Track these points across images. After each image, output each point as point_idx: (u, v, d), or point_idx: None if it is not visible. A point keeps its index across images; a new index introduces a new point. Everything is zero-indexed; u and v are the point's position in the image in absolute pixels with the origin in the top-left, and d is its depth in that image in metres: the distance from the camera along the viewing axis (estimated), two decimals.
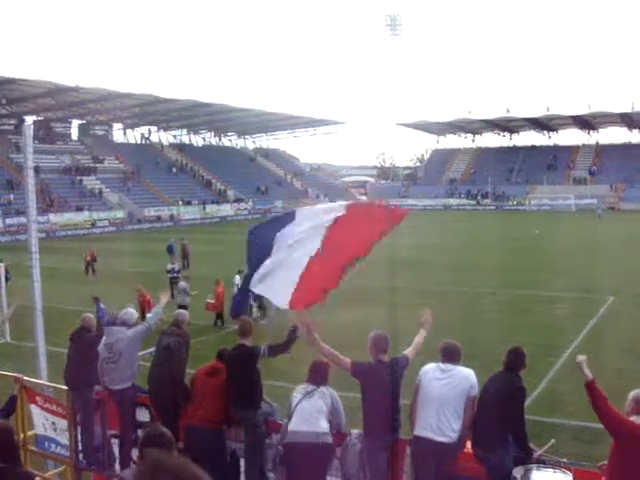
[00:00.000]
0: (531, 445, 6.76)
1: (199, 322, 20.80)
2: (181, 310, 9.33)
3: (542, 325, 21.30)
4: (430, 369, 7.13)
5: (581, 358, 6.60)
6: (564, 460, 6.70)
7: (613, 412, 6.03)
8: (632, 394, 6.22)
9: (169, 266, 30.13)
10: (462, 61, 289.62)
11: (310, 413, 7.30)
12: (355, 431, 7.41)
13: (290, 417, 7.47)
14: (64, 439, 9.56)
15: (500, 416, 6.58)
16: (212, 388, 8.06)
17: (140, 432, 8.96)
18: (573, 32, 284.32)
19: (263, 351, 8.00)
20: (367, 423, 7.19)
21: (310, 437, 7.20)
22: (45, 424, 9.78)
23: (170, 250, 38.48)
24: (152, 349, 9.35)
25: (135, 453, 8.82)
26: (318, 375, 7.59)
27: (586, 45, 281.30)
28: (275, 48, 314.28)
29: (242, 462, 8.20)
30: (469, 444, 6.88)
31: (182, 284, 24.28)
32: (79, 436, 9.24)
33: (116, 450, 9.17)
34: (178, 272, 29.82)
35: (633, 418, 6.03)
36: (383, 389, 7.07)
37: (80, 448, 9.27)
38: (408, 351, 7.54)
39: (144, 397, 8.91)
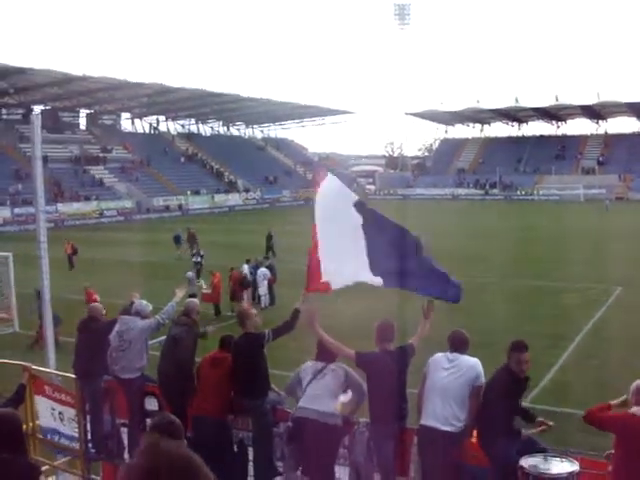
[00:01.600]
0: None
1: (205, 311, 20.82)
2: (192, 299, 9.36)
3: (550, 315, 21.30)
4: (437, 358, 7.14)
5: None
6: (571, 449, 6.71)
7: (607, 419, 6.22)
8: (634, 385, 6.25)
9: (193, 255, 30.37)
10: (471, 50, 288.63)
11: (317, 393, 7.30)
12: (363, 419, 7.43)
13: (299, 396, 7.48)
14: (70, 430, 9.60)
15: (501, 406, 6.62)
16: (217, 378, 8.07)
17: (149, 421, 9.02)
18: (582, 21, 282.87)
19: (268, 335, 8.00)
20: (374, 412, 7.20)
21: (315, 415, 7.20)
22: (53, 414, 9.80)
23: (177, 240, 38.54)
24: (162, 338, 9.41)
25: None
26: (326, 354, 7.55)
27: (595, 34, 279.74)
28: (284, 38, 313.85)
29: (250, 451, 8.24)
30: (475, 433, 6.91)
31: (189, 273, 24.29)
32: (88, 425, 9.30)
33: (125, 439, 9.23)
34: (202, 257, 29.96)
35: (634, 409, 6.05)
36: (389, 378, 7.07)
37: (89, 437, 9.32)
38: (413, 340, 7.54)
39: (153, 386, 8.96)
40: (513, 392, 6.74)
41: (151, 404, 9.08)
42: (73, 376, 9.37)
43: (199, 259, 29.73)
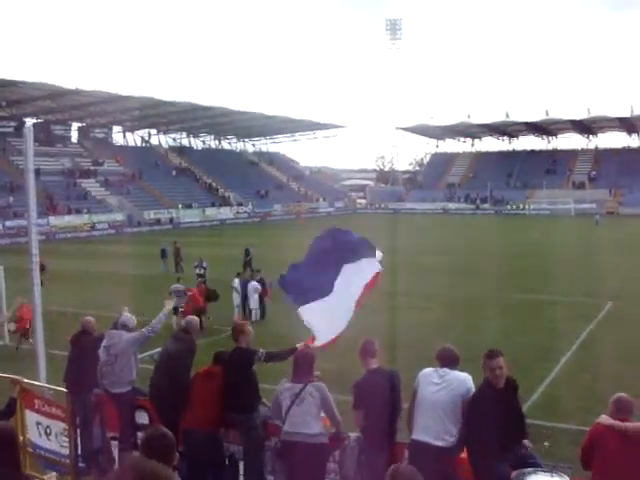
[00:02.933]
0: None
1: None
2: (193, 316, 9.33)
3: (541, 329, 21.33)
4: (427, 373, 7.15)
5: None
6: (561, 464, 6.72)
7: (584, 447, 6.37)
8: (612, 398, 6.39)
9: (195, 268, 30.12)
10: (461, 65, 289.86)
11: (303, 418, 7.34)
12: (353, 434, 7.44)
13: (283, 420, 7.49)
14: (56, 445, 9.55)
15: (484, 420, 6.60)
16: (209, 392, 8.09)
17: (140, 435, 9.01)
18: (572, 37, 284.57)
19: (260, 355, 8.06)
20: (365, 427, 7.21)
21: (300, 438, 7.28)
22: (39, 428, 9.73)
23: (163, 254, 38.32)
24: (154, 351, 9.40)
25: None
26: (303, 369, 7.56)
27: (585, 50, 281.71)
28: (275, 52, 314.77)
29: (241, 465, 8.24)
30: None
31: (175, 286, 23.66)
32: (78, 439, 9.26)
33: (116, 453, 9.20)
34: (205, 268, 29.80)
35: (601, 418, 6.26)
36: (380, 396, 7.10)
37: (79, 451, 9.29)
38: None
39: (143, 400, 8.95)
40: (495, 404, 6.61)
41: (142, 418, 9.07)
42: (64, 389, 9.34)
43: (202, 271, 29.58)
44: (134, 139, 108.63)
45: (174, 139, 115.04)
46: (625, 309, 24.34)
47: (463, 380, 6.96)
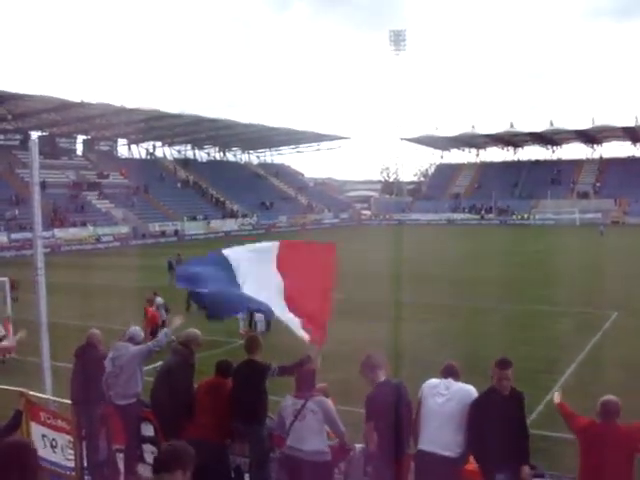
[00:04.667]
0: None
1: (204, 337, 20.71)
2: (193, 329, 9.29)
3: (546, 340, 21.26)
4: (432, 384, 7.16)
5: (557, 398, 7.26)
6: (566, 475, 6.72)
7: (575, 417, 6.79)
8: (600, 400, 6.57)
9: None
10: (466, 76, 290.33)
11: (305, 435, 7.33)
12: (359, 446, 7.43)
13: (287, 434, 7.49)
14: (62, 458, 9.55)
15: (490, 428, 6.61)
16: (213, 403, 8.09)
17: (145, 447, 9.01)
18: (576, 46, 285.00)
19: (273, 369, 8.06)
20: (379, 438, 7.14)
21: (303, 455, 7.27)
22: (44, 441, 9.73)
23: (170, 266, 38.35)
24: (159, 364, 9.39)
25: (140, 468, 8.86)
26: (305, 385, 7.58)
27: (589, 60, 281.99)
28: (280, 64, 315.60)
29: (247, 477, 8.22)
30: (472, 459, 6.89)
31: (158, 299, 23.07)
32: (84, 451, 9.27)
33: (121, 465, 9.20)
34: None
35: (599, 421, 6.45)
36: (393, 407, 7.07)
37: (85, 464, 9.29)
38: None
39: (149, 412, 8.95)
40: (497, 409, 6.66)
41: (147, 430, 9.07)
42: (69, 402, 9.36)
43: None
44: (139, 151, 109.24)
45: (179, 151, 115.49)
46: (631, 319, 24.25)
47: (469, 391, 6.99)
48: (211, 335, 22.85)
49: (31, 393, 9.51)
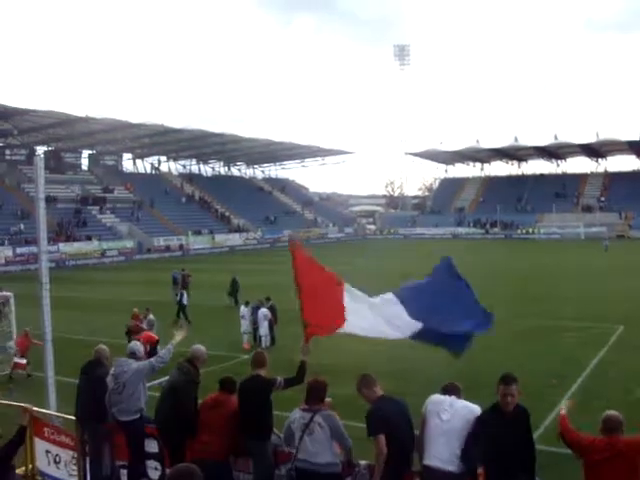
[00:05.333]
0: None
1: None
2: (199, 346, 9.22)
3: (552, 354, 21.17)
4: (436, 400, 7.17)
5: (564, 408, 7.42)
6: None
7: (572, 435, 6.85)
8: (602, 416, 6.57)
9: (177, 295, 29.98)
10: (470, 90, 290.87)
11: (314, 448, 7.31)
12: (363, 462, 7.40)
13: (296, 449, 7.44)
14: (65, 474, 9.51)
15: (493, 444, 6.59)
16: (217, 421, 8.05)
17: (148, 463, 8.98)
18: (580, 60, 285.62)
19: (279, 382, 8.05)
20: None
21: (314, 467, 7.25)
22: (48, 457, 9.70)
23: (175, 281, 38.40)
24: (163, 379, 9.35)
25: None
26: (314, 398, 7.54)
27: (594, 73, 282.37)
28: (284, 78, 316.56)
29: None
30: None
31: (150, 317, 22.46)
32: (87, 467, 9.22)
33: None
34: (181, 296, 29.40)
35: (602, 437, 6.46)
36: (395, 421, 7.10)
37: (88, 479, 9.25)
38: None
39: (153, 428, 8.91)
40: (501, 427, 6.63)
41: (151, 446, 9.03)
42: (74, 418, 9.32)
43: (180, 298, 29.22)
44: (144, 166, 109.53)
45: (184, 166, 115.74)
46: (637, 334, 24.14)
47: (472, 408, 7.00)
48: (216, 350, 22.90)
49: (35, 409, 9.48)
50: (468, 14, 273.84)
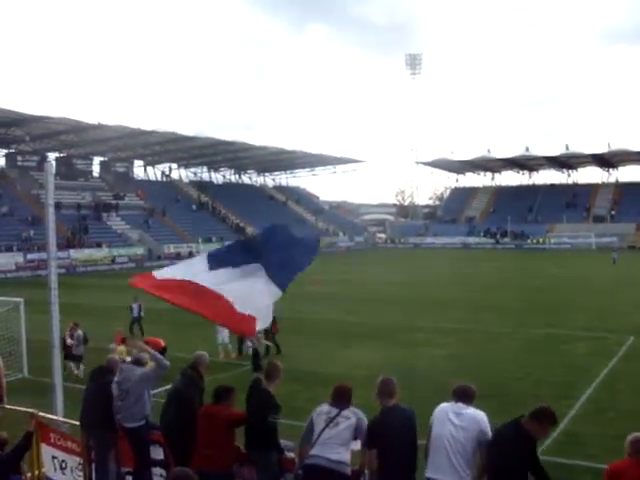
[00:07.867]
0: None
1: (212, 359, 20.62)
2: (201, 352, 9.19)
3: (561, 365, 21.05)
4: (443, 409, 7.10)
5: None
6: None
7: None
8: (628, 438, 6.38)
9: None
10: (481, 100, 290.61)
11: (331, 442, 7.24)
12: (368, 471, 7.35)
13: (312, 444, 7.37)
14: None
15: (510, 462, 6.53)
16: (210, 431, 8.00)
17: (154, 470, 8.95)
18: (592, 71, 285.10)
19: (275, 418, 8.08)
20: (381, 467, 7.10)
21: (325, 462, 7.15)
22: (54, 463, 9.70)
23: None
24: (168, 386, 9.33)
25: None
26: (342, 399, 7.51)
27: (605, 83, 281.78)
28: (296, 86, 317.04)
29: None
30: None
31: (79, 332, 21.66)
32: (93, 473, 9.21)
33: None
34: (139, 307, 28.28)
35: (631, 459, 6.28)
36: (396, 435, 7.03)
37: None
38: None
39: (159, 435, 8.88)
40: (524, 448, 6.59)
41: (157, 453, 9.01)
42: (79, 423, 9.32)
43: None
44: (155, 173, 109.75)
45: (194, 173, 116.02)
46: None
47: (479, 420, 6.90)
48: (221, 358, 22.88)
49: (41, 414, 9.48)
50: (480, 23, 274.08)
